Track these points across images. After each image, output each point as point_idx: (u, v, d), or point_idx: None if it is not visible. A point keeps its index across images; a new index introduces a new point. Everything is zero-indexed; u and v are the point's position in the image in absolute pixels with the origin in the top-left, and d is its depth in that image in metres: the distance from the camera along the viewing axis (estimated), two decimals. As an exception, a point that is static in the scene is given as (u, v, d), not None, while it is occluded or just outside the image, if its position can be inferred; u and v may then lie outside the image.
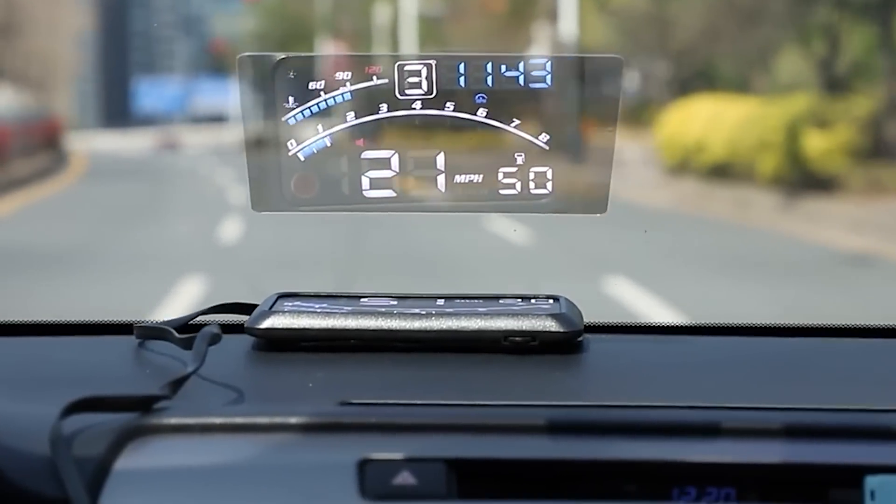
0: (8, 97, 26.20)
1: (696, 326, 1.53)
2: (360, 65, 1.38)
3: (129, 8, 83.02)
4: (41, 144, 25.17)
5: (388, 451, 1.13)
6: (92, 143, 38.19)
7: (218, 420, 1.17)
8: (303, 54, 1.39)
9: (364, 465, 1.13)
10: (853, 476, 1.13)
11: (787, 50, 21.75)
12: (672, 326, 1.55)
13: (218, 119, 47.55)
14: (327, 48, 33.95)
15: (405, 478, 1.12)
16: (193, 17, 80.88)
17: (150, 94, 62.99)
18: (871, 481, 1.13)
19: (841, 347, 1.49)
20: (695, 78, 27.59)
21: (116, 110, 71.72)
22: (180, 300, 7.83)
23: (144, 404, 1.18)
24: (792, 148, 15.76)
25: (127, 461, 1.13)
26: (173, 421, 1.16)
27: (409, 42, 30.47)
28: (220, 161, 22.42)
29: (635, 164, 21.01)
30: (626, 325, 1.53)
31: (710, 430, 1.16)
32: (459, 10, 32.74)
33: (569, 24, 23.71)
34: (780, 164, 15.81)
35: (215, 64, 56.41)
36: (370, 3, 33.58)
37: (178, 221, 13.66)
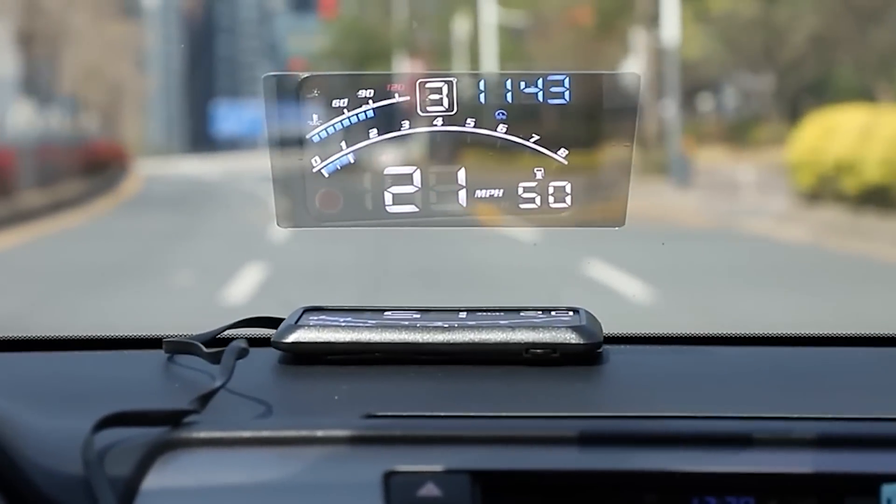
0: (28, 116, 22.96)
1: (714, 337, 1.55)
2: (383, 83, 1.42)
3: (215, 34, 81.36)
4: (76, 170, 22.56)
5: (412, 463, 1.17)
6: (170, 168, 35.92)
7: (246, 434, 1.21)
8: (326, 73, 1.44)
9: (389, 478, 1.16)
10: (870, 485, 1.16)
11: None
12: (691, 337, 1.55)
13: (297, 142, 44.73)
14: (404, 65, 31.22)
15: (430, 489, 1.15)
16: (277, 41, 78.88)
17: (229, 117, 60.66)
18: (888, 490, 1.16)
19: (857, 357, 1.52)
20: (805, 90, 24.14)
21: (201, 135, 69.60)
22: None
23: (174, 418, 1.22)
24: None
25: (157, 475, 1.17)
26: (202, 435, 1.21)
27: (489, 57, 27.33)
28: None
29: (751, 188, 17.55)
30: (646, 336, 1.56)
31: (728, 441, 1.19)
32: (543, 23, 29.50)
33: (668, 32, 20.58)
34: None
35: (296, 86, 53.81)
36: (448, 18, 30.42)
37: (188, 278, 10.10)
